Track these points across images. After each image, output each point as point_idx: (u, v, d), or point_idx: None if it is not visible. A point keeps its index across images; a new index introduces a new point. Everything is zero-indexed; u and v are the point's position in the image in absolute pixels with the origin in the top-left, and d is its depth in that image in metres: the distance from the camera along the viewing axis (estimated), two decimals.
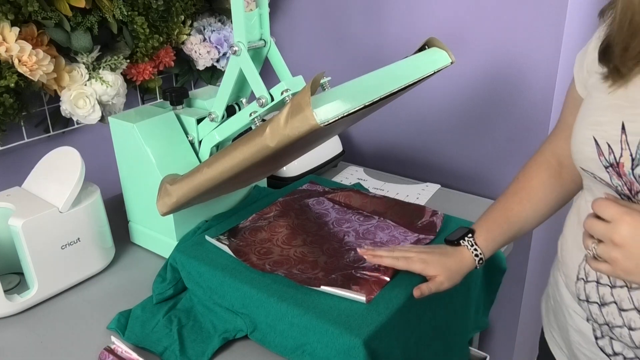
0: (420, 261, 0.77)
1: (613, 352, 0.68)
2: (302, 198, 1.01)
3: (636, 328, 0.63)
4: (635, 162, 0.58)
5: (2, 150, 1.08)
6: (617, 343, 0.67)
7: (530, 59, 1.12)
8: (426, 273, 0.77)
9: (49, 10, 0.97)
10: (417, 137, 1.35)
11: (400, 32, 1.27)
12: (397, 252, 0.79)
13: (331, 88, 0.74)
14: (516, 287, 1.31)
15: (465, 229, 0.82)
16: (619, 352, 0.67)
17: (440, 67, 0.86)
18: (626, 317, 0.63)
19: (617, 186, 0.62)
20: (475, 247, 0.80)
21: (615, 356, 0.68)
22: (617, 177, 0.61)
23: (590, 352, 0.71)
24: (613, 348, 0.68)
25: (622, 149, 0.59)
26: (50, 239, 0.86)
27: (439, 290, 0.76)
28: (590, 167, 0.64)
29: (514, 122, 1.18)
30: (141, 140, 0.92)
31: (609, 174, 0.62)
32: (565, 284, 0.74)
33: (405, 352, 0.75)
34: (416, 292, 0.75)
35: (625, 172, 0.60)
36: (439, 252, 0.80)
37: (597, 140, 0.62)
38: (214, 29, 1.30)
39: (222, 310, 0.82)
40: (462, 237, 0.80)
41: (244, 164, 0.73)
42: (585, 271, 0.68)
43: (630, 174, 0.59)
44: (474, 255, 0.79)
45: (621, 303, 0.64)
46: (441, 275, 0.76)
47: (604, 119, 0.62)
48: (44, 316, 0.86)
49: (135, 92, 1.29)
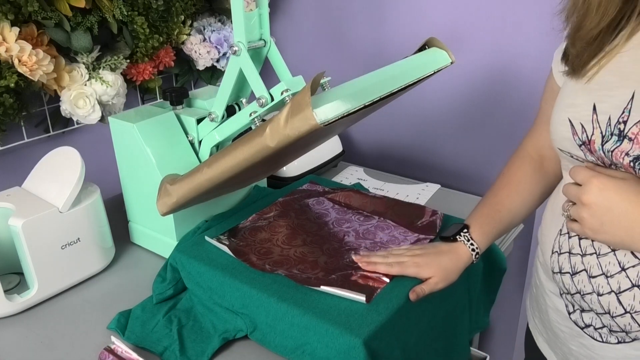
0: (414, 265, 0.79)
1: (584, 324, 0.72)
2: (302, 198, 1.01)
3: (604, 293, 0.67)
4: (605, 139, 0.63)
5: (2, 150, 1.08)
6: (587, 315, 0.71)
7: (530, 59, 1.12)
8: (421, 276, 0.78)
9: (49, 10, 0.97)
10: (417, 137, 1.35)
11: (400, 32, 1.27)
12: (391, 257, 0.81)
13: (331, 88, 0.74)
14: (516, 287, 1.31)
15: (460, 224, 0.84)
16: (589, 323, 0.71)
17: (440, 67, 0.86)
18: (595, 283, 0.68)
19: (591, 162, 0.67)
20: (471, 242, 0.82)
21: (587, 328, 0.72)
22: (590, 153, 0.66)
23: (566, 328, 0.76)
24: (584, 320, 0.72)
25: (594, 127, 0.64)
26: (50, 239, 0.86)
27: (434, 290, 0.78)
28: (567, 147, 0.69)
29: (514, 122, 1.18)
30: (141, 140, 0.92)
31: (583, 152, 0.67)
32: (544, 260, 0.77)
33: (405, 352, 0.75)
34: (412, 295, 0.76)
35: (595, 149, 0.65)
36: (433, 252, 0.81)
37: (571, 121, 0.67)
38: (214, 29, 1.30)
39: (222, 310, 0.82)
40: (457, 233, 0.82)
41: (244, 164, 0.73)
42: (559, 244, 0.72)
43: (600, 150, 0.64)
44: (470, 250, 0.81)
45: (590, 270, 0.68)
46: (436, 277, 0.78)
47: (577, 101, 0.67)
48: (44, 316, 0.86)
49: (135, 92, 1.29)
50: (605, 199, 0.62)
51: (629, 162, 0.62)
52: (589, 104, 0.65)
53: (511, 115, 1.18)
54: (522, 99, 1.16)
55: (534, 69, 1.12)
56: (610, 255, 0.65)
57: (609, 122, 0.63)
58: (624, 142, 0.62)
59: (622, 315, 0.66)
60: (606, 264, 0.66)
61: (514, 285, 1.31)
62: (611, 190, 0.62)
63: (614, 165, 0.64)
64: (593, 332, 0.71)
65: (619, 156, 0.63)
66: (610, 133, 0.63)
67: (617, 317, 0.67)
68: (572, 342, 0.75)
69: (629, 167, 0.62)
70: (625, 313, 0.66)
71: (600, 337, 0.71)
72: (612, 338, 0.69)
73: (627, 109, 0.61)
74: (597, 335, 0.71)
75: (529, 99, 1.14)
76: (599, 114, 0.64)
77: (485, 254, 0.93)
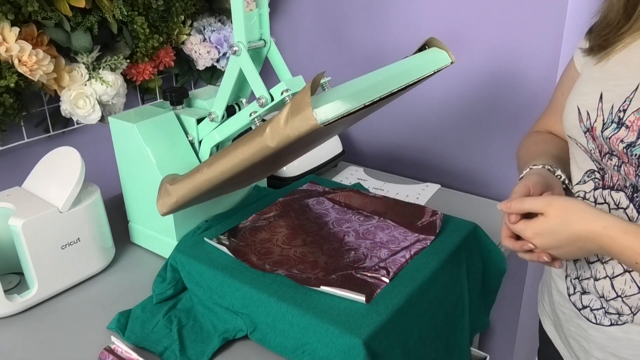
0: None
1: (582, 305, 0.76)
2: (302, 198, 1.01)
3: (600, 278, 0.72)
4: (605, 125, 0.67)
5: (2, 150, 1.08)
6: (585, 297, 0.75)
7: (530, 59, 1.12)
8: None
9: (49, 10, 0.97)
10: (417, 137, 1.35)
11: (400, 32, 1.27)
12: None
13: (331, 88, 0.74)
14: (516, 287, 1.31)
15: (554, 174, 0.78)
16: (587, 305, 0.75)
17: (440, 67, 0.86)
18: (593, 269, 0.73)
19: (592, 150, 0.70)
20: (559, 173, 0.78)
21: (584, 309, 0.76)
22: (592, 141, 0.69)
23: (567, 309, 0.80)
24: (582, 302, 0.76)
25: (597, 115, 0.68)
26: (50, 239, 0.86)
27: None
28: (574, 134, 0.73)
29: (514, 122, 1.18)
30: (141, 140, 0.92)
31: (586, 138, 0.70)
32: None
33: (405, 352, 0.75)
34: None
35: (597, 135, 0.68)
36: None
37: (579, 109, 0.71)
38: (214, 29, 1.30)
39: (222, 310, 0.82)
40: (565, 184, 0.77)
41: (244, 164, 0.73)
42: None
43: (600, 137, 0.67)
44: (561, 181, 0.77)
45: (589, 256, 0.73)
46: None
47: (587, 89, 0.71)
48: (44, 316, 0.86)
49: (135, 92, 1.29)
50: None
51: (623, 149, 0.65)
52: (597, 93, 0.69)
53: (511, 115, 1.18)
54: (522, 99, 1.16)
55: (535, 68, 1.12)
56: None
57: (612, 110, 0.66)
58: (621, 129, 0.65)
59: (615, 299, 0.71)
60: None
61: (514, 285, 1.31)
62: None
63: (611, 151, 0.67)
64: (589, 313, 0.75)
65: (615, 143, 0.65)
66: (610, 120, 0.66)
67: (610, 300, 0.71)
68: (571, 323, 0.80)
69: (623, 154, 0.65)
70: (617, 297, 0.71)
71: (595, 318, 0.75)
72: (605, 320, 0.73)
73: (629, 98, 0.65)
74: (592, 317, 0.75)
75: (529, 98, 1.14)
76: (604, 102, 0.67)
77: (485, 254, 0.93)
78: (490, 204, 1.18)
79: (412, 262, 0.82)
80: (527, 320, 1.35)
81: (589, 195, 0.74)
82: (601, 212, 0.64)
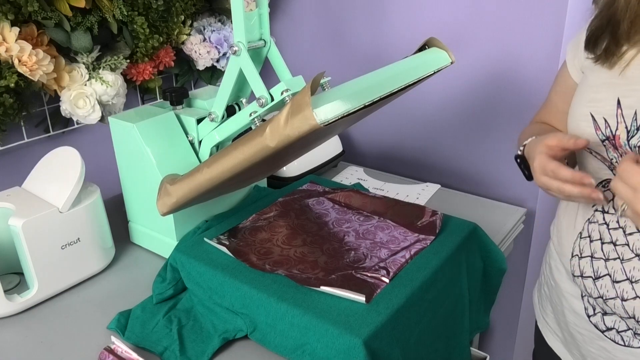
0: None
1: (606, 327, 0.72)
2: (302, 198, 1.01)
3: (629, 298, 0.66)
4: (631, 133, 0.63)
5: (2, 150, 1.08)
6: (608, 318, 0.71)
7: (530, 59, 1.12)
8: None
9: (49, 10, 0.97)
10: (417, 137, 1.35)
11: (400, 32, 1.27)
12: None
13: (331, 88, 0.74)
14: (516, 287, 1.31)
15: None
16: (611, 327, 0.71)
17: (440, 67, 0.86)
18: (619, 288, 0.67)
19: (612, 159, 0.66)
20: None
21: (609, 331, 0.71)
22: (613, 149, 0.65)
23: (585, 330, 0.75)
24: (605, 323, 0.71)
25: (618, 122, 0.64)
26: (50, 239, 0.86)
27: None
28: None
29: (514, 122, 1.18)
30: (141, 140, 0.92)
31: (605, 147, 0.66)
32: (561, 262, 0.76)
33: (405, 352, 0.75)
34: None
35: (621, 144, 0.64)
36: None
37: (593, 116, 0.67)
38: (214, 29, 1.30)
39: (222, 310, 0.82)
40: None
41: (244, 164, 0.73)
42: (580, 247, 0.71)
43: (626, 145, 0.64)
44: None
45: (614, 275, 0.67)
46: None
47: (600, 96, 0.66)
48: (44, 316, 0.86)
49: (135, 92, 1.29)
50: None
51: None
52: (613, 99, 0.65)
53: (511, 115, 1.18)
54: (522, 99, 1.16)
55: (534, 68, 1.12)
56: (635, 261, 0.64)
57: (635, 116, 0.62)
58: None
59: None
60: (630, 269, 0.65)
61: (514, 285, 1.31)
62: None
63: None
64: (615, 335, 0.71)
65: None
66: (636, 128, 0.62)
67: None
68: (592, 345, 0.75)
69: None
70: None
71: (622, 340, 0.70)
72: (635, 342, 0.69)
73: None
74: (618, 339, 0.70)
75: (529, 98, 1.14)
76: (623, 108, 0.63)
77: (485, 254, 0.93)
78: (490, 204, 1.18)
79: (412, 262, 0.82)
80: (527, 320, 1.35)
81: (607, 207, 0.69)
82: None
